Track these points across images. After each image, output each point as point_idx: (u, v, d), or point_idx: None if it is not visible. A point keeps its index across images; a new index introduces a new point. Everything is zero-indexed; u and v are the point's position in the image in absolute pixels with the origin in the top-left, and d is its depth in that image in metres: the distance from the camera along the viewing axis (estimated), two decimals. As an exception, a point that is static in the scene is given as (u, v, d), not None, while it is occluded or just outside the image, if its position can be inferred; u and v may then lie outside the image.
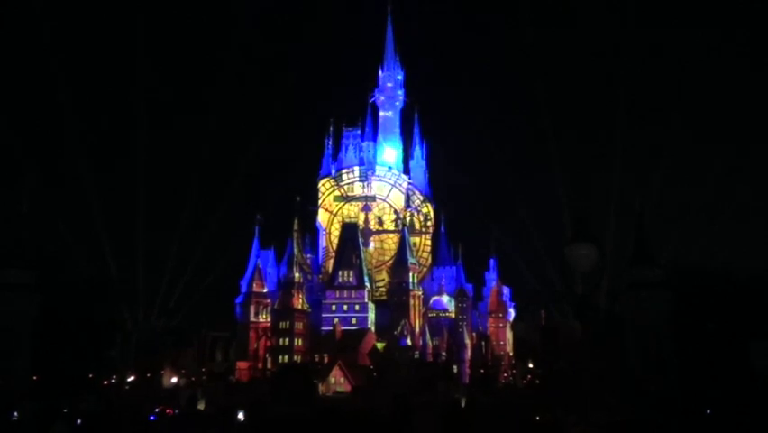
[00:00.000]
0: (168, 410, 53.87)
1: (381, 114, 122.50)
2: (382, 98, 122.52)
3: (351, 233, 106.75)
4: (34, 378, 48.62)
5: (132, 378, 61.44)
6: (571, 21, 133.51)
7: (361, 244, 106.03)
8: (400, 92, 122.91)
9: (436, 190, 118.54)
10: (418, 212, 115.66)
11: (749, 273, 50.77)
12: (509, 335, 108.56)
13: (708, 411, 38.71)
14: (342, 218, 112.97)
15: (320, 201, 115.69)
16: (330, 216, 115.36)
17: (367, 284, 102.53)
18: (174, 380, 73.65)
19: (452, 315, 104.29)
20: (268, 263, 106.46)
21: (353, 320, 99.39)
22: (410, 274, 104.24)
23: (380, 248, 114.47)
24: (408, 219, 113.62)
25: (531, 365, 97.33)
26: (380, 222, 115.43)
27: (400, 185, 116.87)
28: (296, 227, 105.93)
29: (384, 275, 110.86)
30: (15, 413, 41.03)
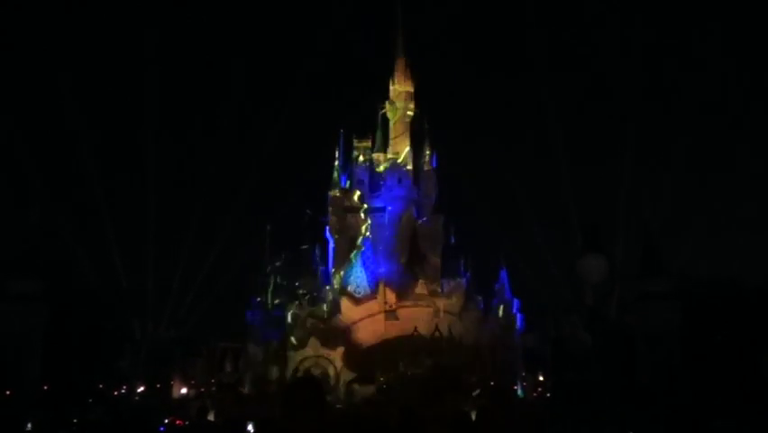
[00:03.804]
0: (177, 421, 53.70)
1: (391, 125, 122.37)
2: (392, 109, 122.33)
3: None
4: (44, 388, 48.72)
5: (141, 388, 61.43)
6: (578, 23, 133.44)
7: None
8: (411, 103, 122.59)
9: (446, 201, 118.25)
10: (428, 223, 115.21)
11: (759, 283, 50.40)
12: (519, 346, 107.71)
13: (719, 423, 38.40)
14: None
15: (330, 212, 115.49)
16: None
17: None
18: (184, 391, 73.52)
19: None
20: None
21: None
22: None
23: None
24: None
25: (541, 377, 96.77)
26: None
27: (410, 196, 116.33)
28: (306, 238, 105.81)
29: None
30: (30, 425, 41.07)
